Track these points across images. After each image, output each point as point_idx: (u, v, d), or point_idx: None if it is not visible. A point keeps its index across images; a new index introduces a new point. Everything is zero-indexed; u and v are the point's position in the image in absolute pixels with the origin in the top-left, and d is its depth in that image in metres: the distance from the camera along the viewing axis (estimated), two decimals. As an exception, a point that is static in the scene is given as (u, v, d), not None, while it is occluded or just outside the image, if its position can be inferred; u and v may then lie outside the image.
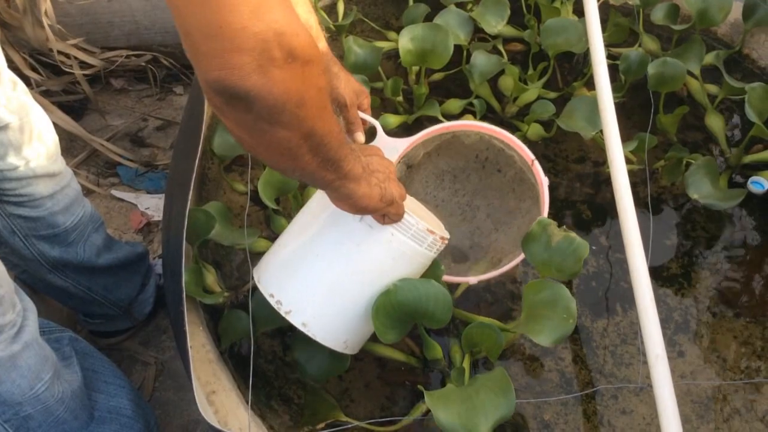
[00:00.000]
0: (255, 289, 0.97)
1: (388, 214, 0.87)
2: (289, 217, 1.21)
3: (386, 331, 0.94)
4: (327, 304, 0.92)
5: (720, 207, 1.22)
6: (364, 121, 1.05)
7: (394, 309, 0.93)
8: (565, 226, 1.02)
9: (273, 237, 1.21)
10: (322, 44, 0.97)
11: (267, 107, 0.59)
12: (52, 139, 1.08)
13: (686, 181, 1.23)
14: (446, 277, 1.05)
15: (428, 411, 1.02)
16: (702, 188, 1.22)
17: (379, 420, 1.03)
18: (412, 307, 0.93)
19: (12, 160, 1.01)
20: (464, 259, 1.19)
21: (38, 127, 1.04)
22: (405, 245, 0.91)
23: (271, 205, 1.14)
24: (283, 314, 0.91)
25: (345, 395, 1.09)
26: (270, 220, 1.19)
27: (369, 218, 0.89)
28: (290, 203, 1.19)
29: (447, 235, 0.97)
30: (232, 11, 0.54)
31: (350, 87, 1.00)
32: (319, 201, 0.96)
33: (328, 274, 0.92)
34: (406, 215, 0.90)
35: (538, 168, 1.09)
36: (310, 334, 0.92)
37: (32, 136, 1.03)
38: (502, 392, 0.87)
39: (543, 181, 1.08)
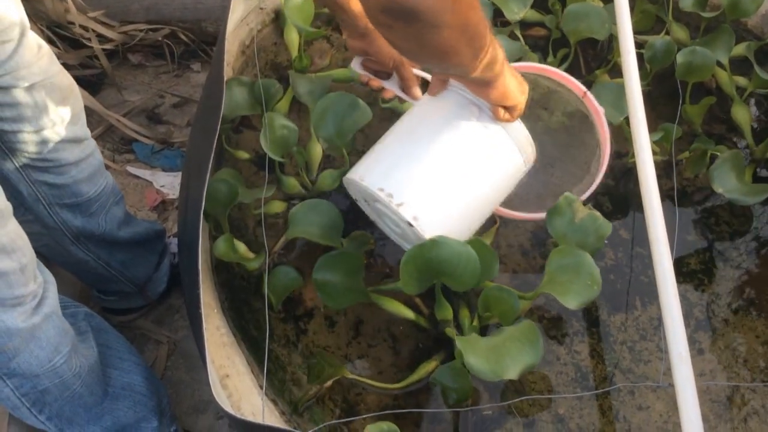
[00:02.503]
0: (273, 266, 1.01)
1: (515, 107, 0.93)
2: (297, 176, 1.21)
3: (411, 282, 0.97)
4: (437, 199, 0.94)
5: (745, 202, 1.20)
6: (418, 77, 1.09)
7: (425, 264, 0.95)
8: (590, 205, 1.05)
9: (284, 198, 1.22)
10: None
11: (431, 11, 0.64)
12: (78, 104, 1.08)
13: (711, 175, 1.20)
14: (504, 211, 1.10)
15: (432, 371, 1.05)
16: (727, 182, 1.20)
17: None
18: (443, 266, 0.96)
19: (38, 122, 1.01)
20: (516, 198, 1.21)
21: (64, 91, 1.04)
22: (511, 151, 0.98)
23: (282, 159, 1.17)
24: (395, 206, 0.92)
25: (352, 352, 1.09)
26: (279, 182, 1.20)
27: (485, 118, 0.96)
28: (295, 160, 1.22)
29: (536, 155, 1.03)
30: None
31: None
32: (423, 107, 1.01)
33: (441, 170, 0.95)
34: (517, 121, 0.97)
35: (591, 98, 1.13)
36: (418, 230, 0.92)
37: (57, 99, 1.02)
38: (529, 342, 0.92)
39: (599, 110, 1.12)
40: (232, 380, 0.96)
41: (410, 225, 0.92)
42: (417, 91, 1.06)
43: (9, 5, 0.92)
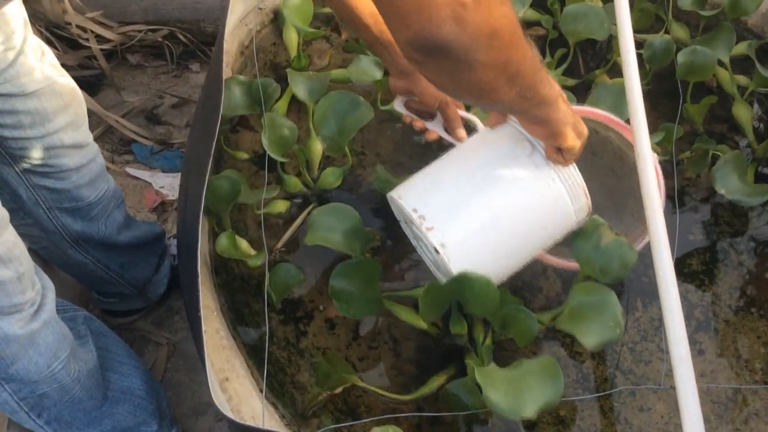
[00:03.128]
0: (273, 263, 0.98)
1: (570, 149, 0.88)
2: (299, 175, 1.21)
3: (430, 311, 0.97)
4: (469, 231, 0.90)
5: (748, 203, 1.19)
6: (463, 118, 1.05)
7: (445, 296, 0.95)
8: (617, 231, 1.00)
9: (286, 197, 1.22)
10: None
11: (463, 49, 0.62)
12: (80, 110, 1.08)
13: (713, 176, 1.20)
14: (548, 257, 1.04)
15: (444, 384, 1.03)
16: (729, 183, 1.19)
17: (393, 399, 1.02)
18: (463, 295, 0.94)
19: (38, 129, 1.01)
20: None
21: (66, 97, 1.03)
22: (560, 196, 0.91)
23: (283, 159, 1.16)
24: (424, 230, 0.88)
25: (352, 354, 1.09)
26: (280, 181, 1.20)
27: (538, 157, 0.90)
28: (295, 159, 1.22)
29: (591, 207, 0.96)
30: None
31: None
32: (478, 138, 0.97)
33: (480, 201, 0.90)
34: (572, 166, 0.90)
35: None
36: (444, 258, 0.88)
37: (58, 105, 1.02)
38: (550, 377, 0.88)
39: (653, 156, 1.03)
40: (232, 383, 0.96)
41: (437, 251, 0.88)
42: (462, 132, 1.03)
43: (15, 12, 0.91)
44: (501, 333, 1.02)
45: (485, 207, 0.90)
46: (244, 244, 1.11)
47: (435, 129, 1.05)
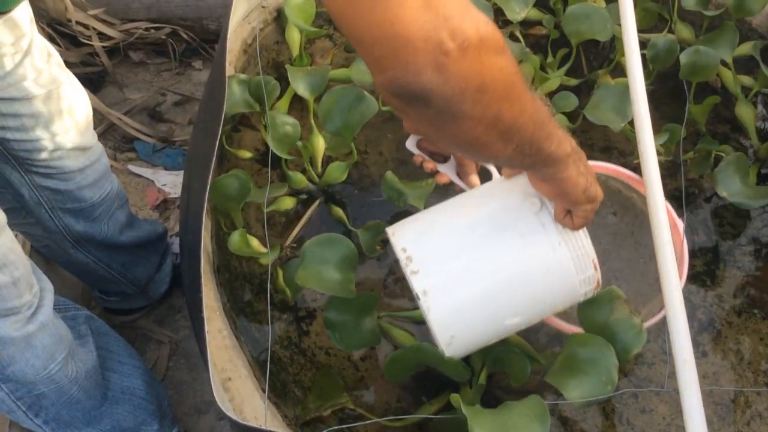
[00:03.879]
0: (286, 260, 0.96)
1: (581, 213, 0.79)
2: (304, 172, 1.21)
3: (397, 375, 0.96)
4: (457, 284, 0.82)
5: (749, 206, 1.19)
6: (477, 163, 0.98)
7: (408, 363, 0.94)
8: (636, 308, 0.94)
9: (292, 194, 1.22)
10: None
11: (446, 99, 0.57)
12: (85, 113, 1.07)
13: (715, 178, 1.19)
14: (553, 320, 0.97)
15: (438, 411, 1.01)
16: (731, 186, 1.19)
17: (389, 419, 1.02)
18: (431, 363, 0.93)
19: (42, 132, 1.00)
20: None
21: (69, 101, 1.03)
22: (564, 264, 0.81)
23: (288, 156, 1.15)
24: (409, 273, 0.81)
25: (360, 384, 1.08)
26: (286, 178, 1.20)
27: (545, 216, 0.81)
28: (300, 155, 1.21)
29: (600, 281, 0.86)
30: (402, 6, 0.53)
31: None
32: (490, 186, 0.89)
33: (474, 255, 0.82)
34: (583, 231, 0.81)
35: (670, 210, 0.97)
36: (424, 307, 0.81)
37: (63, 109, 1.01)
38: (538, 419, 0.83)
39: (678, 224, 0.96)
40: (234, 383, 0.96)
41: (418, 298, 0.81)
42: (475, 178, 0.95)
43: (23, 13, 0.91)
44: (495, 370, 1.00)
45: (478, 262, 0.82)
46: (255, 242, 1.11)
47: (447, 172, 0.96)
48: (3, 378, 0.94)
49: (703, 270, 1.20)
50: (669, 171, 1.27)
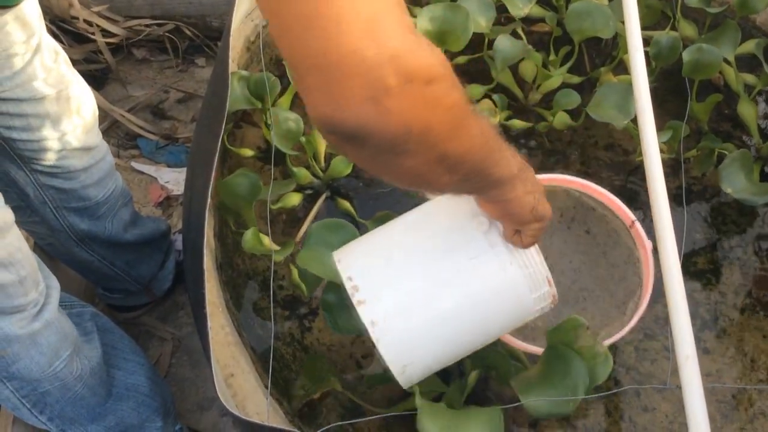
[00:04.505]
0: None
1: (530, 232, 0.75)
2: (308, 168, 1.21)
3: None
4: (407, 312, 0.78)
5: (754, 202, 1.19)
6: None
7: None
8: (598, 339, 0.93)
9: (297, 190, 1.22)
10: None
11: (385, 141, 0.51)
12: (91, 113, 1.07)
13: (719, 174, 1.19)
14: (512, 340, 0.96)
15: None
16: (736, 183, 1.19)
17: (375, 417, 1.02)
18: None
19: (48, 132, 1.00)
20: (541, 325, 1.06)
21: (77, 100, 1.03)
22: (516, 282, 0.78)
23: (293, 152, 1.15)
24: (355, 302, 0.78)
25: (357, 351, 1.09)
26: (290, 174, 1.20)
27: (494, 236, 0.78)
28: (303, 151, 1.21)
29: (556, 296, 0.83)
30: (340, 33, 0.46)
31: None
32: (438, 203, 0.84)
33: (421, 280, 0.78)
34: (533, 248, 0.78)
35: (639, 230, 0.98)
36: (373, 337, 0.77)
37: (71, 109, 1.01)
38: (490, 430, 0.82)
39: (646, 245, 0.96)
40: (237, 379, 0.96)
41: (367, 329, 0.78)
42: None
43: (33, 11, 0.91)
44: (481, 371, 1.00)
45: (427, 288, 0.78)
46: (266, 240, 1.11)
47: None
48: (8, 376, 0.94)
49: (707, 267, 1.20)
50: (672, 169, 1.27)
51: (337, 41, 0.47)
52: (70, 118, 1.01)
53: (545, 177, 1.04)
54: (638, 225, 1.00)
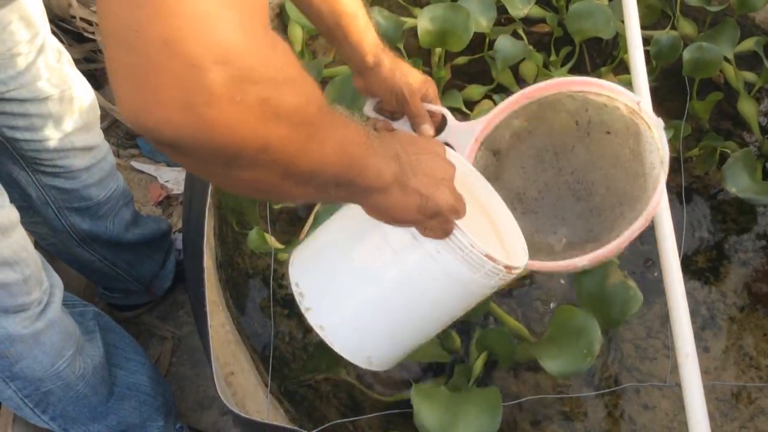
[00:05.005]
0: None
1: (429, 227, 0.70)
2: None
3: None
4: (348, 313, 0.79)
5: (759, 201, 1.19)
6: (432, 112, 0.92)
7: None
8: (626, 273, 0.95)
9: None
10: (363, 22, 0.86)
11: (211, 155, 0.43)
12: (93, 113, 1.07)
13: (723, 174, 1.19)
14: (535, 264, 0.89)
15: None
16: (740, 182, 1.19)
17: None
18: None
19: (50, 131, 1.00)
20: (583, 243, 0.97)
21: (80, 100, 1.03)
22: (452, 268, 0.75)
23: None
24: (303, 310, 0.78)
25: (361, 377, 1.08)
26: None
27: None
28: None
29: (521, 263, 0.79)
30: (165, 12, 0.38)
31: (409, 78, 0.90)
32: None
33: (359, 278, 0.78)
34: (456, 233, 0.72)
35: (646, 108, 0.91)
36: (326, 341, 0.77)
37: (73, 108, 1.01)
38: (490, 409, 0.84)
39: (656, 123, 0.89)
40: (237, 378, 0.96)
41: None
42: (428, 129, 0.89)
43: (36, 11, 0.90)
44: (489, 353, 1.00)
45: (364, 287, 0.78)
46: (270, 238, 1.11)
47: (401, 128, 0.92)
48: (11, 376, 0.94)
49: (707, 266, 1.20)
50: (672, 167, 1.27)
51: (158, 21, 0.38)
52: (73, 117, 1.01)
53: (540, 86, 0.95)
54: (642, 104, 0.91)
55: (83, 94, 1.03)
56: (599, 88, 0.93)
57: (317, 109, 0.48)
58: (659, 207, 0.97)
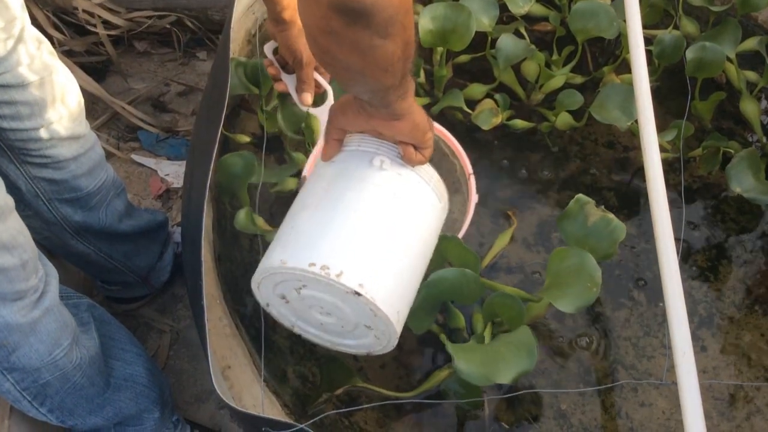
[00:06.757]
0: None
1: (425, 143, 0.85)
2: (306, 153, 1.21)
3: (425, 319, 0.97)
4: (376, 260, 0.83)
5: (764, 201, 1.18)
6: (317, 84, 1.05)
7: (435, 298, 0.96)
8: (603, 206, 1.01)
9: (295, 174, 1.21)
10: None
11: (384, 19, 0.62)
12: (77, 101, 1.07)
13: (728, 174, 1.19)
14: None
15: (445, 379, 1.03)
16: (745, 182, 1.18)
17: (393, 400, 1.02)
18: (450, 293, 0.96)
19: (36, 120, 1.00)
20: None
21: (62, 88, 1.03)
22: (428, 197, 0.89)
23: (296, 135, 1.19)
24: (334, 278, 0.79)
25: (360, 373, 1.08)
26: (289, 159, 1.21)
27: (396, 165, 0.87)
28: (291, 139, 1.23)
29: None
30: None
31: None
32: (324, 173, 0.90)
33: (370, 229, 0.84)
34: (428, 164, 0.89)
35: (472, 184, 1.08)
36: (368, 296, 0.80)
37: (55, 95, 1.01)
38: (526, 347, 0.89)
39: (473, 198, 1.07)
40: (234, 371, 0.96)
41: (357, 294, 0.80)
42: (308, 97, 1.03)
43: (16, 1, 0.91)
44: (495, 323, 1.02)
45: (376, 230, 0.84)
46: (260, 220, 1.12)
47: (287, 84, 1.05)
48: (8, 367, 0.94)
49: (706, 266, 1.20)
50: (674, 167, 1.27)
51: None
52: (56, 106, 1.01)
53: None
54: (473, 179, 1.09)
55: (65, 81, 1.04)
56: (452, 145, 1.10)
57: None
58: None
